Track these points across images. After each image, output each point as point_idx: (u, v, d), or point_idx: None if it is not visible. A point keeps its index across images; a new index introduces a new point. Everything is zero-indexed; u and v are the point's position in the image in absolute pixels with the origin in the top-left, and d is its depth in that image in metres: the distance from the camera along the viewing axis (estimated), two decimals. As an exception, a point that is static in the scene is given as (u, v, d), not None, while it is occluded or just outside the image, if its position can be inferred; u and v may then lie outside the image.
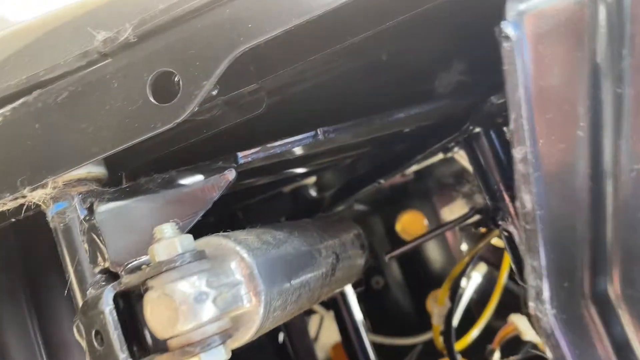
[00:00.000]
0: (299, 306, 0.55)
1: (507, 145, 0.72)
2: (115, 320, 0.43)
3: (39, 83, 0.48)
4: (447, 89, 0.73)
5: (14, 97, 0.49)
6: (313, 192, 1.08)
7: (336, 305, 1.04)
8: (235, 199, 1.07)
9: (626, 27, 0.38)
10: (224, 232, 0.55)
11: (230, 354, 0.44)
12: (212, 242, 0.48)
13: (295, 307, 0.54)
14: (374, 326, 1.41)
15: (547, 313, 0.36)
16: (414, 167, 1.22)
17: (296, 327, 1.16)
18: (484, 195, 0.73)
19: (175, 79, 0.46)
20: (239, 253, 0.47)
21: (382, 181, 0.84)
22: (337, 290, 0.74)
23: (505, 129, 0.65)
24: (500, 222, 0.72)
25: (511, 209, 0.71)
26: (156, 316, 0.42)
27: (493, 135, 0.72)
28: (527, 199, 0.37)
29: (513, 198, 0.71)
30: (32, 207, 0.49)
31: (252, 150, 0.55)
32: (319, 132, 0.57)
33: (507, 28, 0.39)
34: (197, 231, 0.55)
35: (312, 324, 1.46)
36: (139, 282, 0.44)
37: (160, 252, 0.44)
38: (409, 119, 0.67)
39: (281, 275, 0.50)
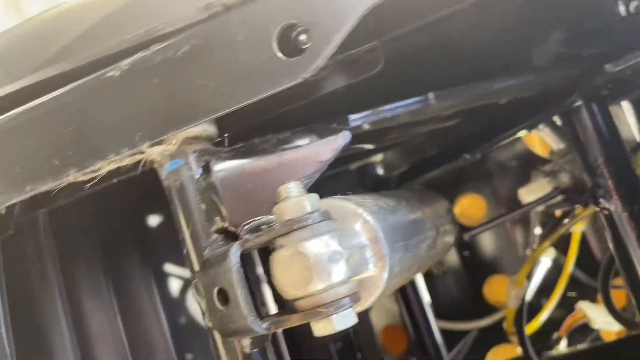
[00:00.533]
0: (411, 274, 0.53)
1: (609, 119, 0.69)
2: (243, 278, 0.42)
3: (158, 37, 0.47)
4: (547, 61, 0.70)
5: (131, 51, 0.48)
6: (380, 170, 1.06)
7: (402, 288, 1.02)
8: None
9: None
10: None
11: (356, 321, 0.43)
12: (333, 203, 0.46)
13: (408, 275, 0.52)
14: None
15: None
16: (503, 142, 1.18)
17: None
18: (582, 173, 0.70)
19: (302, 32, 0.44)
20: (362, 215, 0.45)
21: (467, 156, 0.82)
22: (434, 263, 0.72)
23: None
24: (600, 200, 0.68)
25: (612, 186, 0.68)
26: (288, 275, 0.41)
27: (595, 109, 0.69)
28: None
29: (614, 174, 0.68)
30: (147, 164, 0.48)
31: (364, 114, 0.53)
32: (430, 96, 0.55)
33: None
34: None
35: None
36: (268, 239, 0.42)
37: (289, 210, 0.42)
38: (512, 88, 0.64)
39: (400, 240, 0.49)
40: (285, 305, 0.43)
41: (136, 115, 0.47)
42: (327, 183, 1.12)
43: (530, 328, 1.06)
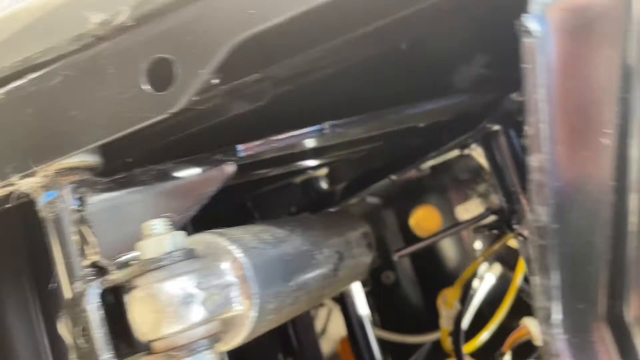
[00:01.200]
0: (296, 308, 0.52)
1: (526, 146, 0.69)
2: (99, 318, 0.41)
3: (33, 66, 0.46)
4: (466, 84, 0.69)
5: (7, 80, 0.47)
6: (324, 185, 1.05)
7: (343, 300, 1.02)
8: (244, 188, 1.05)
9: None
10: (226, 227, 0.53)
11: (219, 358, 0.42)
12: (205, 239, 0.46)
13: (293, 309, 0.52)
14: (384, 322, 1.39)
15: (556, 337, 0.33)
16: (430, 162, 1.19)
17: (301, 320, 1.14)
18: (499, 197, 0.70)
19: (173, 66, 0.43)
20: (232, 253, 0.44)
21: (394, 177, 0.81)
22: (342, 289, 0.71)
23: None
24: (515, 226, 0.68)
25: (528, 213, 0.67)
26: (141, 317, 0.40)
27: (512, 134, 0.68)
28: (542, 211, 0.33)
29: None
30: (23, 195, 0.48)
31: (255, 143, 0.52)
32: (326, 126, 0.54)
33: (530, 22, 0.36)
34: (205, 222, 0.53)
35: (321, 316, 1.44)
36: (125, 279, 0.42)
37: (148, 249, 0.42)
38: (424, 114, 0.63)
39: (278, 276, 0.48)
40: (142, 346, 0.42)
41: (8, 146, 0.46)
42: (271, 197, 1.12)
43: (471, 346, 1.06)
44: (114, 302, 0.44)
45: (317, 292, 0.56)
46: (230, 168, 0.49)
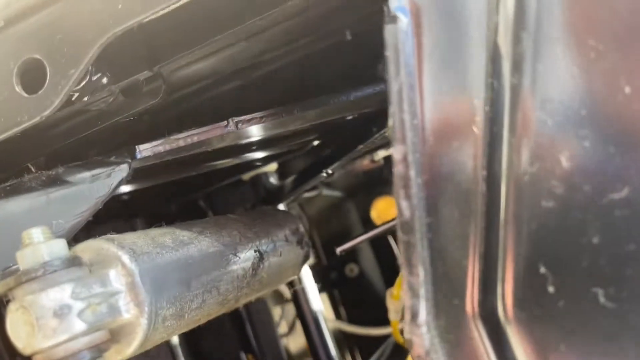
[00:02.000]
0: (206, 312, 0.51)
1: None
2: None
3: None
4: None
5: None
6: (273, 180, 1.04)
7: (296, 296, 1.01)
8: (194, 186, 1.03)
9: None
10: (157, 226, 0.52)
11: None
12: (93, 246, 0.44)
13: (201, 313, 0.50)
14: (350, 315, 1.38)
15: (424, 337, 0.31)
16: (382, 153, 1.17)
17: (260, 319, 1.13)
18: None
19: (44, 67, 0.41)
20: (120, 259, 0.43)
21: (329, 171, 0.79)
22: (267, 292, 0.70)
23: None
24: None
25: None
26: (16, 331, 0.38)
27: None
28: (405, 205, 0.32)
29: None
30: None
31: (154, 143, 0.50)
32: (230, 122, 0.52)
33: (395, 6, 0.34)
34: (157, 221, 0.51)
35: (289, 314, 1.43)
36: (3, 292, 0.40)
37: (25, 259, 0.40)
38: (340, 106, 0.62)
39: (176, 281, 0.46)
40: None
41: None
42: (222, 194, 1.09)
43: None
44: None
45: (231, 293, 0.54)
46: (124, 170, 0.47)
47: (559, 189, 0.31)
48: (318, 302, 0.98)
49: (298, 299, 0.98)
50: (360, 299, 1.37)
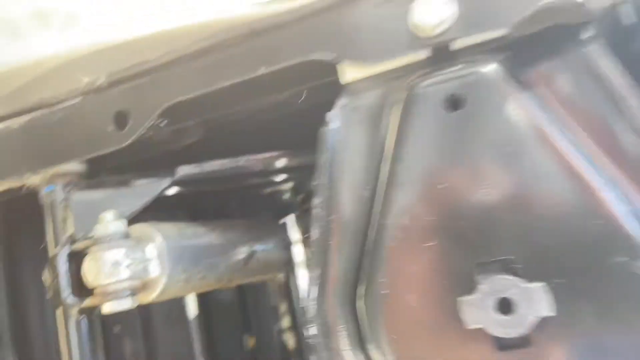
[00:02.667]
0: (206, 282, 0.76)
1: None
2: (64, 270, 0.66)
3: (44, 105, 0.72)
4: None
5: (28, 110, 0.73)
6: (287, 196, 1.28)
7: (288, 289, 1.25)
8: (230, 195, 1.29)
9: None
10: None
11: (136, 304, 0.66)
12: (141, 228, 0.70)
13: (203, 283, 0.75)
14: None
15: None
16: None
17: (262, 305, 1.37)
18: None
19: (129, 115, 0.68)
20: (155, 238, 0.68)
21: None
22: (253, 280, 0.95)
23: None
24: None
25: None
26: (88, 272, 0.65)
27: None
28: (315, 233, 0.56)
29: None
30: (29, 188, 0.73)
31: (191, 166, 0.76)
32: (242, 160, 0.77)
33: (332, 118, 0.58)
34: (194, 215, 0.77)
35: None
36: (84, 247, 0.66)
37: (99, 230, 0.66)
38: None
39: (189, 258, 0.72)
40: (89, 292, 0.66)
41: (25, 155, 0.72)
42: (248, 202, 1.35)
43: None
44: (77, 264, 0.69)
45: (226, 275, 0.79)
46: (165, 182, 0.73)
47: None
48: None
49: (290, 293, 1.22)
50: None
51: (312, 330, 0.56)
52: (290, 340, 1.64)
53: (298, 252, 1.05)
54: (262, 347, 1.37)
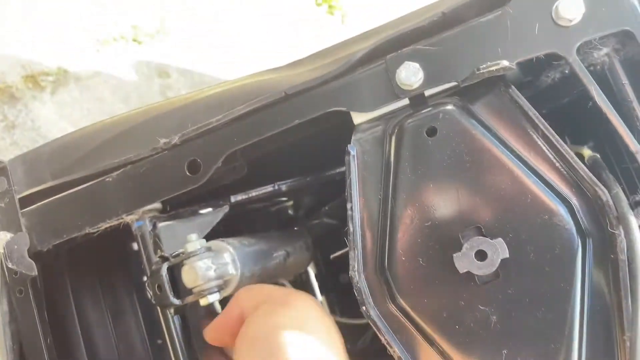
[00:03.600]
0: (262, 279, 1.02)
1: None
2: (167, 279, 0.91)
3: (131, 161, 0.97)
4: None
5: (117, 168, 0.98)
6: (290, 211, 1.56)
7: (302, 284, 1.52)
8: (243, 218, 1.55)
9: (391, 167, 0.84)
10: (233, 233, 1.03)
11: (222, 297, 0.92)
12: (217, 243, 0.96)
13: (260, 279, 1.01)
14: (342, 311, 1.87)
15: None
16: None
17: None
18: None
19: (200, 163, 0.94)
20: (228, 249, 0.94)
21: (327, 207, 1.31)
22: (290, 276, 1.22)
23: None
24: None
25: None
26: (187, 277, 0.90)
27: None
28: (350, 226, 0.84)
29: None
30: (125, 224, 0.98)
31: (240, 195, 1.03)
32: (275, 186, 1.04)
33: (350, 148, 0.86)
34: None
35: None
36: (180, 261, 0.91)
37: (190, 247, 0.91)
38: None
39: (250, 260, 0.98)
40: (189, 292, 0.91)
41: (120, 200, 0.97)
42: (258, 220, 1.62)
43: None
44: (173, 274, 0.93)
45: (273, 272, 1.05)
46: (226, 208, 0.99)
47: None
48: (317, 292, 1.49)
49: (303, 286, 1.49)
50: (350, 299, 1.85)
51: (354, 287, 0.83)
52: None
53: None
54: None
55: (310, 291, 1.49)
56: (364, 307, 0.83)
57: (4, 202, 1.04)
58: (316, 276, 1.71)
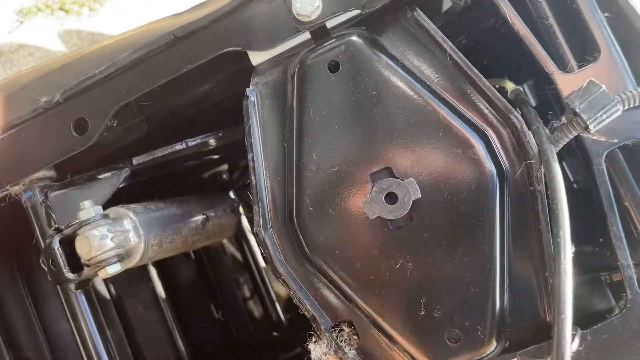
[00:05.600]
0: (175, 245, 0.94)
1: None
2: (60, 253, 0.82)
3: (11, 125, 0.86)
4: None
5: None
6: (225, 176, 1.47)
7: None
8: (179, 177, 1.46)
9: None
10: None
11: (124, 268, 0.83)
12: (116, 209, 0.87)
13: (172, 246, 0.93)
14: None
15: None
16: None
17: (227, 285, 1.55)
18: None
19: (88, 122, 0.84)
20: (128, 214, 0.86)
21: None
22: (214, 240, 1.13)
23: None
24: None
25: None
26: (81, 248, 0.81)
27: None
28: (252, 179, 0.75)
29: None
30: (13, 197, 0.88)
31: (143, 156, 0.93)
32: (183, 143, 0.95)
33: (249, 93, 0.77)
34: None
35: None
36: (73, 231, 0.82)
37: (83, 215, 0.82)
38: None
39: (157, 226, 0.89)
40: (83, 265, 0.83)
41: (4, 171, 0.86)
42: (191, 188, 1.52)
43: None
44: (68, 245, 0.84)
45: (190, 237, 0.97)
46: (126, 171, 0.90)
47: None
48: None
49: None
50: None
51: (259, 243, 0.76)
52: (255, 308, 1.84)
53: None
54: (231, 317, 1.56)
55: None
56: (271, 265, 0.76)
57: None
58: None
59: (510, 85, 0.81)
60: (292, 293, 0.75)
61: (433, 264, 0.72)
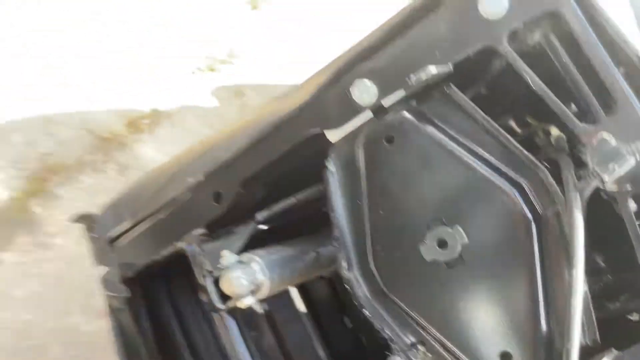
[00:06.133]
0: (294, 279, 1.21)
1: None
2: (212, 289, 1.13)
3: (176, 202, 1.21)
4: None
5: (169, 206, 1.22)
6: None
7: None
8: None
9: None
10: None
11: (256, 300, 1.12)
12: (246, 255, 1.16)
13: (292, 279, 1.20)
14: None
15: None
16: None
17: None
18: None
19: (221, 193, 1.14)
20: (255, 259, 1.14)
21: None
22: (329, 269, 1.38)
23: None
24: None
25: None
26: (224, 286, 1.11)
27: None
28: (335, 231, 0.98)
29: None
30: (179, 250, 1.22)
31: (264, 211, 1.22)
32: (293, 197, 1.21)
33: (328, 163, 1.01)
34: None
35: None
36: (219, 274, 1.13)
37: (223, 262, 1.13)
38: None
39: (277, 266, 1.17)
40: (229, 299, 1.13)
41: (171, 232, 1.21)
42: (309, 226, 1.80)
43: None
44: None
45: (305, 272, 1.23)
46: (252, 225, 1.19)
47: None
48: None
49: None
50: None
51: (345, 282, 0.98)
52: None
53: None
54: (359, 324, 1.80)
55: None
56: (355, 298, 0.98)
57: (99, 243, 1.35)
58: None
59: (555, 132, 0.92)
60: (373, 320, 0.96)
61: (483, 295, 0.87)
